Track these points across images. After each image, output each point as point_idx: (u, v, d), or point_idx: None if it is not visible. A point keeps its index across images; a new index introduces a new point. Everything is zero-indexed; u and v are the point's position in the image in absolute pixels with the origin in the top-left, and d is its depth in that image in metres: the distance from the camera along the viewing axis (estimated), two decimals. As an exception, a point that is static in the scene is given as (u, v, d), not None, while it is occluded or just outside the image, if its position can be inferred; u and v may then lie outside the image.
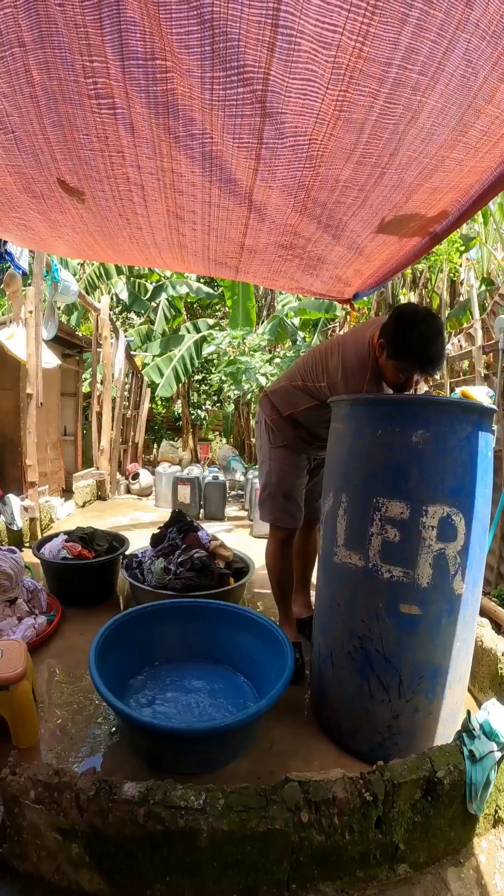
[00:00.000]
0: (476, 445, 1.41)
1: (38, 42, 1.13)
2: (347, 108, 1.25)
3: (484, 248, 6.91)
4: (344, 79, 1.15)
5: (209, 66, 1.12)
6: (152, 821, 1.02)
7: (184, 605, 2.03)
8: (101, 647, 1.59)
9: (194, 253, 2.32)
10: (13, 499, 3.46)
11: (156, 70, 1.16)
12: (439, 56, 1.10)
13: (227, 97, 1.21)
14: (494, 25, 1.04)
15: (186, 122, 1.33)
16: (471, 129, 1.37)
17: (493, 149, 1.47)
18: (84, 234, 2.18)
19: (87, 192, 1.76)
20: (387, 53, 1.09)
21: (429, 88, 1.20)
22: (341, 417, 1.63)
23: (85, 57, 1.15)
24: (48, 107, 1.33)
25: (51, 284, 4.15)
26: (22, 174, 1.68)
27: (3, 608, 2.10)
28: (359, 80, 1.16)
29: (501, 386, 3.38)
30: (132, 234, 2.12)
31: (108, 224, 2.04)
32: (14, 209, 1.98)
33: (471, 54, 1.10)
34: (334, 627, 1.58)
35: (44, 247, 2.60)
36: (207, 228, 2.00)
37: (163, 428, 13.39)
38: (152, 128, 1.37)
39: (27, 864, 1.11)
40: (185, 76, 1.16)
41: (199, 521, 4.02)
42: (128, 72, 1.17)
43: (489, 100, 1.25)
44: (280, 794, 1.10)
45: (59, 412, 6.30)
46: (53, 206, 1.92)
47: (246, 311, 7.82)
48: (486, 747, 1.25)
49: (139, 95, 1.24)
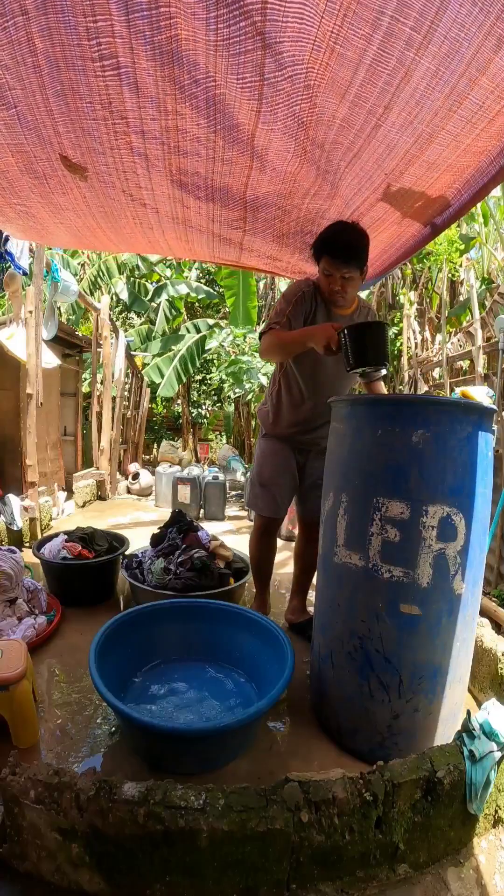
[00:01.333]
0: (476, 445, 1.41)
1: (40, 8, 1.15)
2: (342, 44, 1.29)
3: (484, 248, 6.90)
4: (338, 14, 1.20)
5: (213, 5, 1.16)
6: (152, 821, 1.02)
7: (184, 605, 2.03)
8: (101, 647, 1.59)
9: (199, 228, 2.30)
10: (13, 499, 3.46)
11: (160, 17, 1.19)
12: (431, 14, 1.15)
13: (230, 35, 1.24)
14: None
15: (191, 68, 1.35)
16: (465, 101, 1.40)
17: (488, 126, 1.49)
18: (86, 216, 2.18)
19: (90, 166, 1.76)
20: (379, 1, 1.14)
21: (422, 47, 1.24)
22: (341, 417, 1.63)
23: (89, 18, 1.17)
24: (51, 76, 1.35)
25: (51, 284, 4.15)
26: (24, 153, 1.69)
27: (3, 608, 2.10)
28: (352, 20, 1.20)
29: (501, 386, 3.38)
30: (135, 212, 2.12)
31: (111, 203, 2.04)
32: (16, 194, 1.98)
33: (463, 18, 1.15)
34: (334, 627, 1.58)
35: (45, 236, 2.59)
36: (211, 192, 2.01)
37: (163, 428, 13.39)
38: (157, 82, 1.39)
39: (27, 864, 1.11)
40: (189, 19, 1.19)
41: (199, 521, 4.03)
42: (132, 25, 1.20)
43: (483, 70, 1.29)
44: (280, 794, 1.10)
45: (59, 412, 6.30)
46: (55, 187, 1.92)
47: (246, 311, 7.81)
48: (486, 747, 1.25)
49: (144, 48, 1.27)
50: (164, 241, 2.47)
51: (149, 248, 2.64)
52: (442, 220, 2.11)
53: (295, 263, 2.74)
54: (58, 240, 2.65)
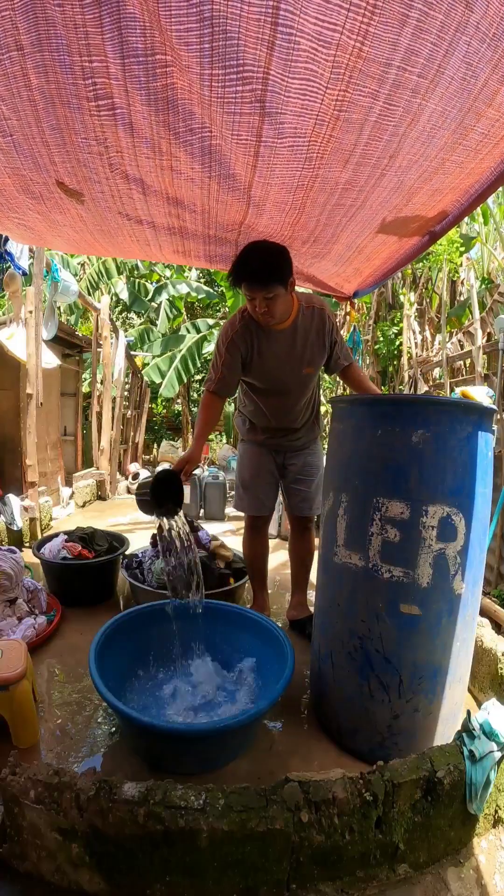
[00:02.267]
0: (476, 445, 1.41)
1: (35, 45, 1.12)
2: (347, 108, 1.25)
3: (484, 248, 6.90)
4: (343, 78, 1.15)
5: (208, 64, 1.12)
6: (152, 821, 1.02)
7: (184, 605, 2.03)
8: (101, 647, 1.59)
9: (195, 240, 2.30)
10: (13, 499, 3.46)
11: (156, 65, 1.16)
12: (439, 58, 1.10)
13: (225, 95, 1.20)
14: (495, 28, 1.03)
15: (186, 117, 1.32)
16: (471, 132, 1.36)
17: (493, 150, 1.47)
18: (84, 232, 2.18)
19: (86, 193, 1.76)
20: (386, 54, 1.08)
21: (429, 91, 1.19)
22: (341, 417, 1.63)
23: (84, 58, 1.14)
24: (46, 110, 1.33)
25: (51, 284, 4.15)
26: (20, 176, 1.68)
27: (3, 608, 2.10)
28: (358, 80, 1.15)
29: (501, 386, 3.38)
30: (132, 230, 2.12)
31: (108, 223, 2.04)
32: (13, 210, 1.98)
33: (471, 57, 1.10)
34: (334, 627, 1.58)
35: (43, 244, 2.61)
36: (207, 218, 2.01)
37: (163, 428, 13.39)
38: (152, 125, 1.36)
39: (27, 864, 1.11)
40: (184, 72, 1.15)
41: (199, 521, 4.02)
42: (128, 69, 1.17)
43: (489, 103, 1.24)
44: (280, 794, 1.10)
45: (59, 412, 6.30)
46: (52, 207, 1.92)
47: (246, 311, 7.81)
48: (486, 747, 1.25)
49: (139, 92, 1.24)
50: (160, 255, 2.49)
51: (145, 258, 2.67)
52: (440, 227, 2.10)
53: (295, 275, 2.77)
54: (57, 246, 2.66)
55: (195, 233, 2.29)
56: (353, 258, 2.37)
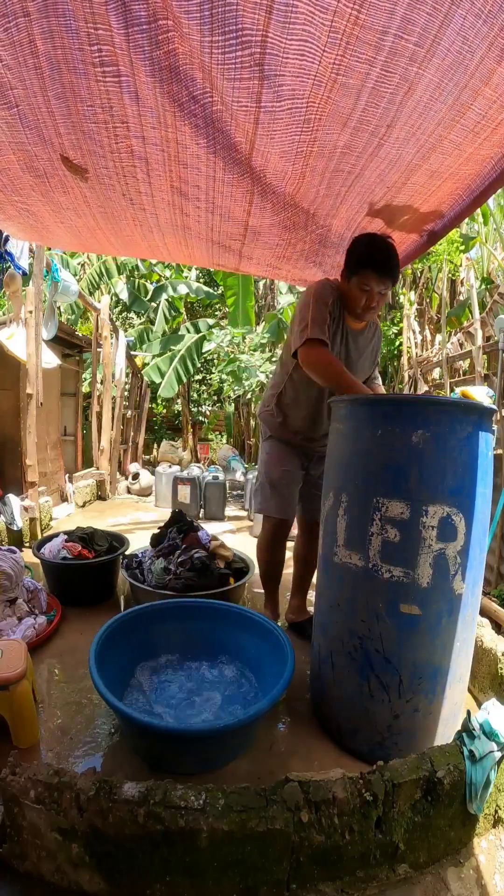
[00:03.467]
0: (476, 445, 1.41)
1: (42, 11, 1.14)
2: (344, 73, 1.27)
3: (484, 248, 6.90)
4: (340, 44, 1.17)
5: (209, 31, 1.14)
6: (152, 821, 1.02)
7: (184, 605, 2.03)
8: (102, 647, 1.59)
9: (198, 234, 2.30)
10: (13, 499, 3.46)
11: (158, 32, 1.17)
12: (435, 28, 1.12)
13: (226, 61, 1.22)
14: (490, 4, 1.06)
15: (188, 83, 1.33)
16: (468, 111, 1.38)
17: (491, 135, 1.48)
18: (87, 216, 2.17)
19: (91, 168, 1.75)
20: (383, 21, 1.11)
21: (425, 61, 1.22)
22: (341, 417, 1.63)
23: (90, 24, 1.16)
24: (52, 78, 1.34)
25: (51, 284, 4.15)
26: (25, 151, 1.68)
27: (3, 608, 2.10)
28: (355, 46, 1.18)
29: (501, 386, 3.38)
30: (135, 215, 2.11)
31: (112, 205, 2.04)
32: (17, 191, 1.97)
33: (466, 31, 1.12)
34: (334, 627, 1.58)
35: (46, 236, 2.58)
36: (212, 206, 2.00)
37: (163, 428, 13.38)
38: (156, 96, 1.37)
39: (27, 864, 1.11)
40: (185, 39, 1.17)
41: (199, 521, 4.02)
42: (132, 39, 1.18)
43: (486, 81, 1.27)
44: (280, 794, 1.10)
45: (59, 412, 6.29)
46: (56, 186, 1.91)
47: (245, 311, 7.81)
48: (486, 747, 1.25)
49: (143, 63, 1.25)
50: (163, 245, 2.47)
51: (148, 252, 2.64)
52: (440, 226, 2.10)
53: (295, 272, 2.76)
54: (58, 240, 2.65)
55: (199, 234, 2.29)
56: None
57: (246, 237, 2.28)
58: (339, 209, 2.01)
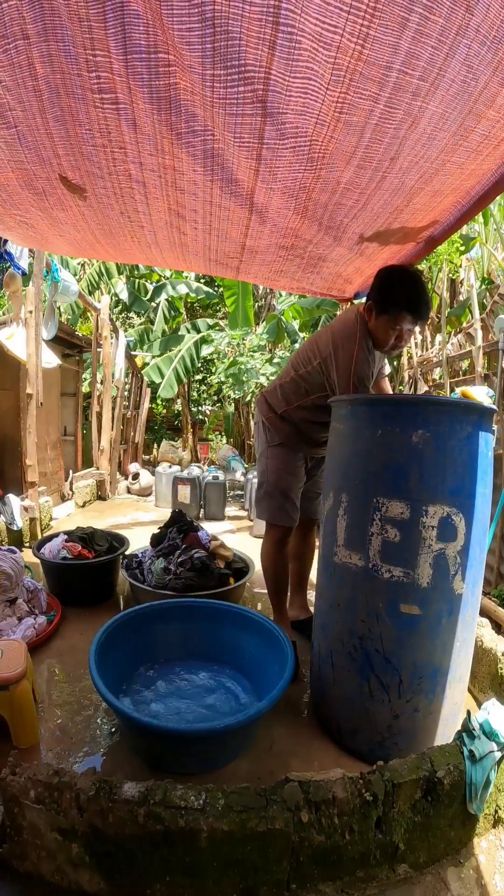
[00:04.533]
0: (476, 445, 1.41)
1: (41, 35, 1.13)
2: (348, 111, 1.25)
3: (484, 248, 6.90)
4: (344, 81, 1.15)
5: (210, 64, 1.12)
6: (152, 821, 1.02)
7: (184, 605, 2.03)
8: (101, 647, 1.59)
9: (195, 252, 2.32)
10: (13, 499, 3.46)
11: (158, 63, 1.16)
12: (440, 62, 1.10)
13: (227, 96, 1.21)
14: (495, 31, 1.03)
15: (188, 119, 1.33)
16: (472, 134, 1.36)
17: (493, 152, 1.47)
18: (85, 232, 2.18)
19: (89, 188, 1.76)
20: (387, 57, 1.08)
21: (429, 94, 1.19)
22: (341, 417, 1.63)
23: (88, 51, 1.15)
24: (51, 101, 1.33)
25: (51, 284, 4.15)
26: (24, 170, 1.68)
27: (3, 608, 2.10)
28: (359, 82, 1.16)
29: (501, 386, 3.38)
30: (133, 232, 2.12)
31: (110, 222, 2.04)
32: (16, 206, 1.97)
33: (471, 60, 1.09)
34: (334, 627, 1.58)
35: (45, 245, 2.60)
36: (209, 228, 2.00)
37: (163, 428, 13.39)
38: (154, 124, 1.37)
39: (27, 864, 1.11)
40: (186, 71, 1.16)
41: (199, 521, 4.02)
42: (130, 66, 1.17)
43: (490, 104, 1.24)
44: (280, 794, 1.10)
45: (59, 412, 6.30)
46: (55, 204, 1.91)
47: (245, 311, 7.81)
48: (486, 747, 1.25)
49: (141, 90, 1.24)
50: (161, 259, 2.49)
51: (147, 262, 2.66)
52: (439, 231, 2.10)
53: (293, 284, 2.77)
54: (58, 249, 2.66)
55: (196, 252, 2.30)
56: (355, 259, 2.38)
57: (243, 255, 2.30)
58: (342, 238, 2.03)
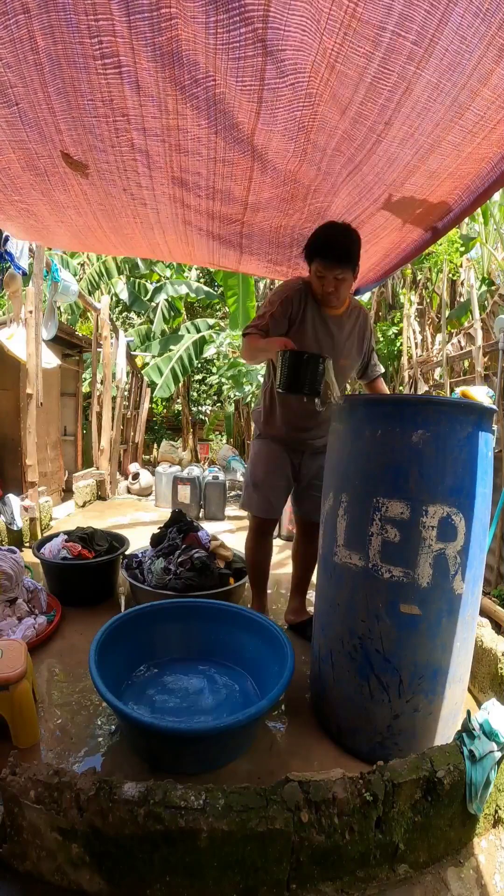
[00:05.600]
0: (476, 445, 1.41)
1: (42, 6, 1.15)
2: (342, 62, 1.27)
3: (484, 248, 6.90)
4: (338, 33, 1.18)
5: (213, 11, 1.15)
6: (152, 821, 1.02)
7: (184, 604, 2.03)
8: (102, 647, 1.59)
9: (198, 228, 2.29)
10: (13, 499, 3.46)
11: (161, 19, 1.18)
12: (433, 26, 1.13)
13: (230, 40, 1.23)
14: (487, 3, 1.05)
15: (191, 68, 1.34)
16: (467, 112, 1.39)
17: (489, 135, 1.48)
18: (87, 215, 2.17)
19: (91, 163, 1.76)
20: (380, 17, 1.12)
21: (423, 61, 1.22)
22: (341, 417, 1.63)
23: (90, 16, 1.17)
24: (52, 73, 1.35)
25: (51, 284, 4.15)
26: (25, 149, 1.69)
27: (3, 608, 2.10)
28: (353, 39, 1.19)
29: (501, 386, 3.38)
30: (136, 210, 2.12)
31: (112, 201, 2.04)
32: (17, 191, 1.98)
33: (464, 30, 1.13)
34: (334, 627, 1.58)
35: (46, 236, 2.58)
36: (212, 192, 2.00)
37: (163, 428, 13.39)
38: (158, 82, 1.38)
39: (27, 864, 1.11)
40: (189, 22, 1.18)
41: (199, 521, 4.03)
42: (133, 26, 1.19)
43: (484, 82, 1.27)
44: (280, 794, 1.10)
45: (59, 412, 6.30)
46: (56, 184, 1.92)
47: (246, 311, 7.79)
48: (486, 747, 1.25)
49: (145, 49, 1.26)
50: (164, 243, 2.46)
51: (148, 251, 2.63)
52: (443, 224, 2.11)
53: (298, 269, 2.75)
54: (58, 240, 2.65)
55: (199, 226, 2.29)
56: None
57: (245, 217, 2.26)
58: (340, 190, 2.01)
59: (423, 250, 2.35)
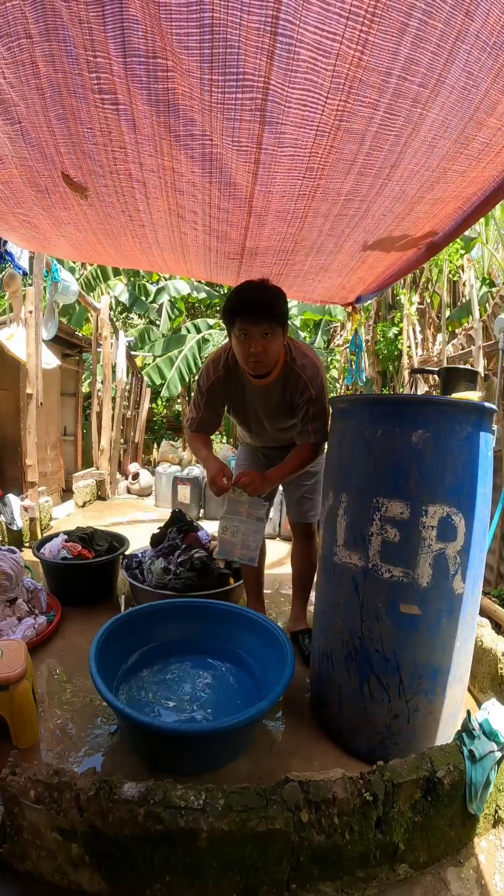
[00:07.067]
0: (476, 445, 1.41)
1: (43, 34, 1.13)
2: (348, 119, 1.25)
3: (484, 249, 6.90)
4: (344, 88, 1.15)
5: (208, 69, 1.12)
6: (152, 821, 1.02)
7: (183, 605, 2.03)
8: (101, 647, 1.59)
9: (196, 253, 2.31)
10: (13, 499, 3.46)
11: (157, 68, 1.16)
12: (439, 67, 1.09)
13: (226, 101, 1.21)
14: (495, 37, 1.02)
15: (187, 122, 1.33)
16: (473, 142, 1.36)
17: (494, 159, 1.46)
18: (87, 232, 2.18)
19: (91, 186, 1.76)
20: (386, 63, 1.08)
21: (429, 101, 1.19)
22: (341, 417, 1.63)
23: (89, 52, 1.15)
24: (53, 99, 1.34)
25: (51, 284, 4.15)
26: (27, 167, 1.68)
27: (3, 608, 2.10)
28: (359, 89, 1.15)
29: (501, 386, 3.38)
30: (135, 231, 2.12)
31: (111, 221, 2.04)
32: (19, 204, 1.97)
33: (471, 66, 1.09)
34: (334, 627, 1.58)
35: (47, 247, 2.59)
36: (208, 229, 2.00)
37: (163, 428, 13.38)
38: (153, 125, 1.37)
39: (27, 864, 1.11)
40: (185, 76, 1.16)
41: (199, 521, 4.02)
42: (130, 68, 1.17)
43: (490, 112, 1.24)
44: (280, 794, 1.10)
45: (59, 412, 6.30)
46: (57, 202, 1.92)
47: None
48: (486, 747, 1.25)
49: (140, 92, 1.24)
50: (162, 260, 2.48)
51: (147, 265, 2.65)
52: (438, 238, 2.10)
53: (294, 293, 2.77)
54: (59, 251, 2.65)
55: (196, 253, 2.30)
56: (357, 268, 2.37)
57: (243, 257, 2.29)
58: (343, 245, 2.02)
59: (424, 262, 2.36)
